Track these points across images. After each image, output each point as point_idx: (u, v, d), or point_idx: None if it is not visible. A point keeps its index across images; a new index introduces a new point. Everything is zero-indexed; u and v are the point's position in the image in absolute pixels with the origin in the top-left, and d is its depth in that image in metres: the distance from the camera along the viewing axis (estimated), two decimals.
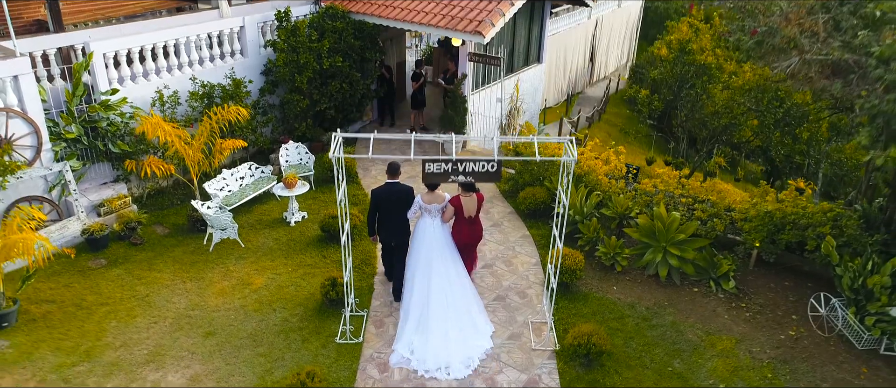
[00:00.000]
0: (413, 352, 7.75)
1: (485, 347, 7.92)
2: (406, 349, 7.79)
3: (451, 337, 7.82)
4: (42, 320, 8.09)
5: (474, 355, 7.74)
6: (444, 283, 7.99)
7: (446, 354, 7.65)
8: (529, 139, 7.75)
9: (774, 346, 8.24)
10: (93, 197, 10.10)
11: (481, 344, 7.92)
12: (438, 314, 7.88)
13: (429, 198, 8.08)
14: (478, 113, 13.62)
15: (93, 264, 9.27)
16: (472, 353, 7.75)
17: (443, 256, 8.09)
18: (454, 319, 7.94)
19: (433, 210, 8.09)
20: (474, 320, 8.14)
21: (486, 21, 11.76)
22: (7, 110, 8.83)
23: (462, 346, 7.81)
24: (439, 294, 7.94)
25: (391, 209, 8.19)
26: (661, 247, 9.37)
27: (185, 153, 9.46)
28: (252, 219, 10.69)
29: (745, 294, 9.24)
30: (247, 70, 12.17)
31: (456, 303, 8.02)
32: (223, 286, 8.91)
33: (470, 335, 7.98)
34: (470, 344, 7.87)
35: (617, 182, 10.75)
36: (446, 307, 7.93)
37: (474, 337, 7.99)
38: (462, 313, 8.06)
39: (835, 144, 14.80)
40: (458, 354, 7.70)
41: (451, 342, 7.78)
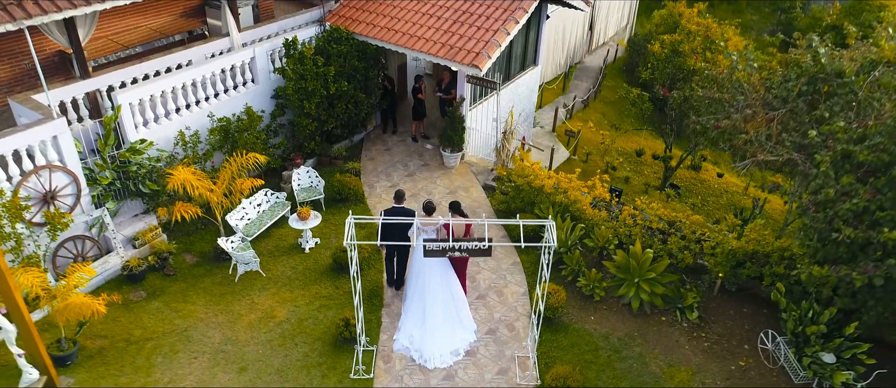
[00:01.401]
0: (412, 342, 9.69)
1: (469, 339, 9.86)
2: (406, 339, 9.74)
3: (442, 332, 9.66)
4: (98, 356, 9.44)
5: (460, 347, 9.69)
6: (436, 288, 9.67)
7: (438, 345, 9.56)
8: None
9: (725, 377, 9.63)
10: (127, 231, 11.24)
11: (466, 337, 9.85)
12: (432, 313, 9.66)
13: (426, 221, 9.56)
14: (475, 129, 14.52)
15: (134, 297, 10.55)
16: (458, 345, 9.70)
17: (436, 267, 9.64)
18: (444, 317, 9.72)
19: (429, 231, 9.53)
20: (461, 319, 9.95)
21: (482, 54, 12.49)
22: (50, 166, 9.84)
23: (450, 339, 9.71)
24: (433, 297, 9.65)
25: (395, 228, 9.74)
26: (635, 282, 10.61)
27: (210, 199, 10.53)
28: (270, 245, 11.88)
29: (707, 323, 10.57)
30: (258, 96, 13.01)
31: (446, 305, 9.75)
32: (250, 320, 10.22)
33: (457, 331, 9.84)
34: (457, 338, 9.77)
35: (600, 212, 11.84)
36: (438, 308, 9.68)
37: (461, 332, 9.87)
38: (451, 313, 9.82)
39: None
40: (447, 346, 9.63)
41: (441, 336, 9.65)
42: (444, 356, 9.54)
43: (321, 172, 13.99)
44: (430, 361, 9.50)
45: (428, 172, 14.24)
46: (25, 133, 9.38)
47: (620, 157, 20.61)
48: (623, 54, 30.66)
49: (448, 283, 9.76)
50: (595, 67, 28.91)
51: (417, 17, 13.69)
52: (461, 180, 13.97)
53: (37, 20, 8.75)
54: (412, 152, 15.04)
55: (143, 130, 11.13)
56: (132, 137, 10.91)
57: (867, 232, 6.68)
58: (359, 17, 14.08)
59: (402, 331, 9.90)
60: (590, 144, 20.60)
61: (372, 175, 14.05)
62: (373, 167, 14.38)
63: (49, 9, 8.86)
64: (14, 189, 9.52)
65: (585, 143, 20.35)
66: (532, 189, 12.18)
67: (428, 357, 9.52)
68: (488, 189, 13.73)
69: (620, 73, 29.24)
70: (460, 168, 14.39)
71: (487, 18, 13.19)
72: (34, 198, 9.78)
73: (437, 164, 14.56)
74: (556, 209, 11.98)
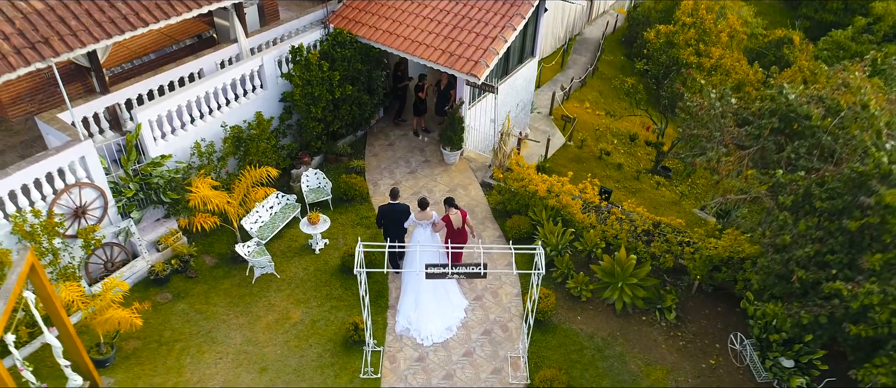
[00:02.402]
0: (411, 323, 11.14)
1: (460, 317, 11.39)
2: (405, 320, 11.18)
3: (435, 312, 11.13)
4: (133, 357, 10.51)
5: (452, 324, 11.20)
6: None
7: (433, 323, 11.04)
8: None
9: (697, 375, 10.73)
10: (150, 236, 12.12)
11: (457, 315, 11.36)
12: (424, 298, 11.12)
13: (420, 215, 10.95)
14: (473, 127, 15.19)
15: (161, 299, 11.55)
16: (451, 322, 11.20)
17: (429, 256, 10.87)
18: (435, 300, 11.18)
19: (423, 223, 10.94)
20: (451, 299, 11.42)
21: (480, 63, 13.07)
22: (79, 184, 10.65)
23: (443, 318, 11.21)
24: (424, 284, 10.97)
25: (392, 221, 11.23)
26: (619, 286, 11.58)
27: (227, 209, 11.37)
28: (283, 246, 12.79)
29: (683, 322, 11.60)
30: (267, 101, 13.65)
31: (436, 289, 11.19)
32: (268, 321, 11.24)
33: (448, 310, 11.32)
34: (449, 316, 11.27)
35: (590, 215, 12.69)
36: (429, 294, 11.12)
37: (451, 311, 11.36)
38: (442, 295, 11.32)
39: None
40: (441, 323, 11.11)
41: (435, 315, 11.11)
42: (439, 332, 11.05)
43: (327, 168, 14.80)
44: (427, 338, 10.96)
45: (429, 168, 15.01)
46: (57, 156, 10.14)
47: (614, 139, 21.29)
48: (622, 24, 30.81)
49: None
50: (594, 38, 29.16)
51: (418, 20, 14.16)
52: (460, 178, 14.76)
53: (63, 57, 9.38)
54: (414, 148, 15.76)
55: (161, 143, 11.85)
56: (152, 151, 11.66)
57: (817, 273, 7.55)
58: (361, 19, 14.54)
59: (401, 314, 11.28)
60: (586, 126, 21.25)
61: (376, 172, 14.83)
62: (376, 164, 15.15)
63: (74, 46, 9.47)
64: (49, 208, 10.35)
65: (581, 125, 20.99)
66: (527, 193, 12.99)
67: (425, 335, 11.00)
68: (486, 187, 14.54)
69: (619, 44, 29.52)
70: (459, 165, 15.15)
71: (486, 24, 13.68)
72: (66, 213, 10.63)
73: (438, 160, 15.32)
74: (548, 213, 12.83)
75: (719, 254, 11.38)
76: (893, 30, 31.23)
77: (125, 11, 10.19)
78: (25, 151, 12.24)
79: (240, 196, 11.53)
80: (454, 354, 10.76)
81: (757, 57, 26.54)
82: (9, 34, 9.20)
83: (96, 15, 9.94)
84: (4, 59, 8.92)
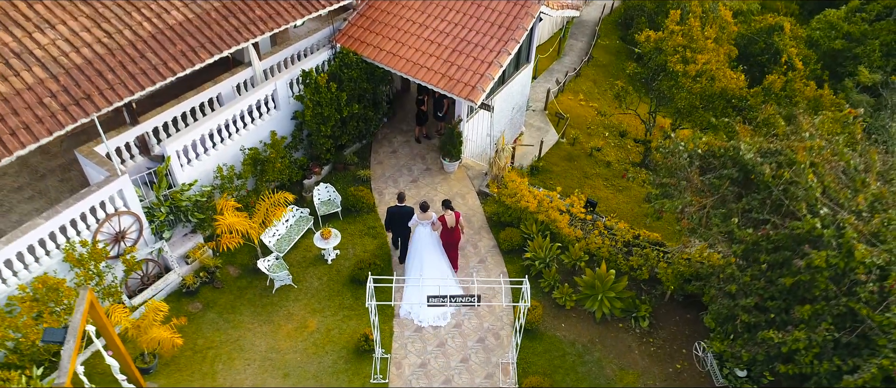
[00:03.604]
0: (412, 309, 12.91)
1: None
2: (408, 307, 12.97)
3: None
4: (173, 363, 12.05)
5: (448, 310, 13.00)
6: (430, 266, 12.94)
7: (432, 310, 12.76)
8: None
9: (664, 378, 12.30)
10: (180, 250, 13.49)
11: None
12: (428, 286, 12.58)
13: (421, 216, 12.79)
14: (471, 140, 16.34)
15: (192, 308, 13.02)
16: (448, 309, 12.92)
17: (430, 250, 12.99)
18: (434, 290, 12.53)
19: (424, 223, 12.76)
20: (448, 288, 12.86)
21: (477, 87, 14.12)
22: (118, 213, 11.96)
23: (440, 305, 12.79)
24: (427, 271, 12.83)
25: (398, 221, 13.21)
26: (599, 298, 13.02)
27: (249, 229, 12.70)
28: (298, 256, 14.18)
29: (655, 329, 13.10)
30: (280, 120, 14.78)
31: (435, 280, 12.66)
32: (288, 329, 12.74)
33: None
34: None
35: (575, 229, 14.01)
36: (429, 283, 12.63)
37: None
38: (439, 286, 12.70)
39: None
40: (440, 310, 12.85)
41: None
42: (436, 317, 12.86)
43: (336, 177, 16.05)
44: (425, 321, 12.83)
45: (429, 177, 16.25)
46: (99, 192, 11.40)
47: (606, 132, 22.38)
48: (619, 5, 31.31)
49: (439, 263, 12.98)
50: (592, 20, 29.77)
51: (419, 41, 15.11)
52: (459, 186, 16.02)
53: (104, 111, 10.52)
54: (415, 155, 16.95)
55: (188, 169, 13.08)
56: (180, 177, 12.90)
57: (758, 317, 8.93)
58: (366, 39, 15.48)
59: (405, 299, 13.09)
60: (579, 120, 22.31)
61: (381, 182, 16.07)
62: (381, 172, 16.38)
63: (113, 100, 10.59)
64: (93, 235, 11.69)
65: (574, 120, 22.04)
66: (519, 208, 14.29)
67: (424, 319, 12.85)
68: (482, 196, 15.82)
69: (616, 27, 30.14)
70: (458, 174, 16.38)
71: (483, 48, 14.65)
72: (108, 238, 11.98)
73: (438, 168, 16.54)
74: (538, 227, 14.16)
75: (690, 269, 12.78)
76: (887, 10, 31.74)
77: (155, 62, 11.25)
78: (64, 174, 13.51)
79: (260, 218, 12.84)
80: (452, 360, 12.30)
81: (748, 43, 27.32)
82: (56, 92, 10.32)
83: (130, 67, 11.01)
84: (54, 116, 10.07)
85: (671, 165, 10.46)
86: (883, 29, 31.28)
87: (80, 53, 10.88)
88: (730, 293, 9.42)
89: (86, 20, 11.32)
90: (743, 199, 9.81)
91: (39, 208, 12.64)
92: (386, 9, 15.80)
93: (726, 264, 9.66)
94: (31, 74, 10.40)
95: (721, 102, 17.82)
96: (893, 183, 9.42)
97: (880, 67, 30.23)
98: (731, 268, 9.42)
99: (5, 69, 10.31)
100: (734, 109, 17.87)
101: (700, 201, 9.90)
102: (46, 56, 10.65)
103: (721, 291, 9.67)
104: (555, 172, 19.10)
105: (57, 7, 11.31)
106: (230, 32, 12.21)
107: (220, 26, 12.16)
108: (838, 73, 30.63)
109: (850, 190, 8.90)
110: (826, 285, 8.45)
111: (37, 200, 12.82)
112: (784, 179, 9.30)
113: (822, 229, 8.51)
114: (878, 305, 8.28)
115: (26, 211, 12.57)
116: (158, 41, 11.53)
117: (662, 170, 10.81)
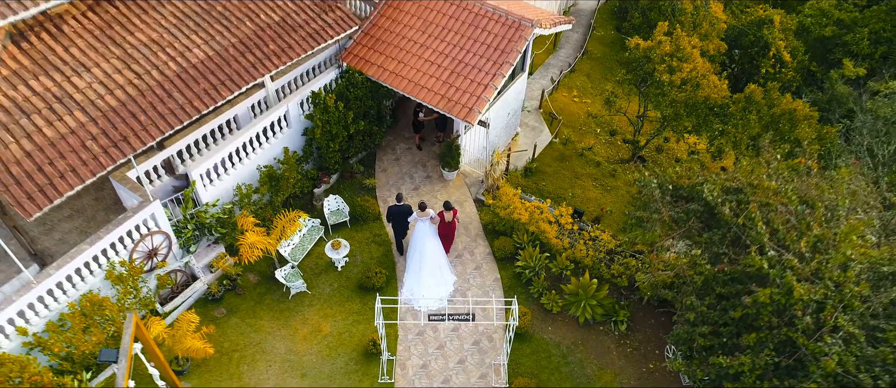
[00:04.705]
0: (412, 293, 14.69)
1: (450, 289, 14.96)
2: (408, 292, 14.79)
3: (431, 285, 14.75)
4: (203, 365, 13.62)
5: (444, 294, 14.79)
6: (428, 256, 14.80)
7: (430, 294, 14.57)
8: None
9: (638, 377, 13.90)
10: (204, 259, 14.91)
11: (448, 287, 14.93)
12: (425, 273, 14.69)
13: (420, 214, 14.46)
14: (468, 150, 17.58)
15: (217, 314, 14.52)
16: (443, 293, 14.82)
17: (428, 242, 14.81)
18: (432, 276, 14.82)
19: (423, 220, 14.53)
20: (444, 275, 14.97)
21: (473, 109, 15.28)
22: (151, 233, 13.33)
23: (437, 290, 14.83)
24: (426, 262, 14.69)
25: (398, 218, 14.94)
26: (582, 304, 14.51)
27: (268, 246, 14.10)
28: (311, 263, 15.62)
29: (632, 331, 14.64)
30: (292, 137, 16.00)
31: (432, 269, 14.81)
32: (304, 333, 14.28)
33: (441, 283, 14.94)
34: (442, 288, 14.89)
35: (563, 240, 15.40)
36: (427, 271, 14.73)
37: (444, 284, 14.99)
38: (436, 274, 14.91)
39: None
40: (435, 294, 14.70)
41: (431, 287, 14.73)
42: (434, 302, 14.57)
43: (343, 185, 17.37)
44: (424, 305, 14.41)
45: (430, 185, 17.56)
46: (134, 217, 12.73)
47: (597, 128, 23.50)
48: None
49: (435, 253, 14.85)
50: (588, 10, 30.48)
51: (421, 62, 16.16)
52: (457, 194, 17.34)
53: (140, 150, 11.76)
54: (417, 163, 18.21)
55: (210, 189, 14.38)
56: (204, 197, 14.21)
57: (712, 340, 10.41)
58: (370, 58, 16.52)
59: (405, 286, 15.01)
60: (572, 118, 23.40)
61: (385, 189, 17.39)
62: (385, 180, 17.68)
63: (147, 140, 11.82)
64: (130, 254, 13.09)
65: (568, 118, 23.13)
66: (511, 220, 15.65)
67: (423, 303, 14.45)
68: (479, 203, 17.16)
69: (612, 16, 30.84)
70: (456, 181, 17.68)
71: (479, 71, 15.73)
72: (142, 256, 13.38)
73: (438, 175, 17.83)
74: (529, 237, 15.55)
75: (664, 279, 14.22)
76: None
77: (181, 101, 12.43)
78: (98, 193, 14.81)
79: (277, 234, 14.22)
80: (451, 361, 13.88)
81: (739, 35, 28.15)
82: (96, 134, 11.55)
83: (159, 107, 12.20)
84: (96, 159, 11.34)
85: (645, 198, 11.76)
86: (873, 16, 31.92)
87: (114, 96, 12.06)
88: (689, 320, 10.89)
89: (117, 62, 12.45)
90: (704, 234, 11.15)
91: (78, 225, 14.00)
92: (389, 28, 16.80)
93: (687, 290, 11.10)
94: (72, 117, 11.61)
95: (704, 110, 18.95)
96: (838, 219, 10.73)
97: (868, 54, 31.07)
98: (689, 299, 10.86)
99: (50, 114, 11.53)
100: (716, 116, 19.05)
101: (668, 235, 11.25)
102: (85, 100, 11.84)
103: (681, 318, 11.13)
104: (547, 173, 20.33)
105: (90, 49, 12.42)
106: (247, 68, 13.32)
107: (238, 63, 13.27)
108: (828, 59, 31.54)
109: (797, 232, 10.24)
110: (769, 318, 9.89)
111: (75, 218, 14.16)
112: (741, 219, 10.62)
113: (769, 269, 9.89)
114: (813, 334, 9.74)
115: (67, 229, 13.94)
116: (183, 80, 12.67)
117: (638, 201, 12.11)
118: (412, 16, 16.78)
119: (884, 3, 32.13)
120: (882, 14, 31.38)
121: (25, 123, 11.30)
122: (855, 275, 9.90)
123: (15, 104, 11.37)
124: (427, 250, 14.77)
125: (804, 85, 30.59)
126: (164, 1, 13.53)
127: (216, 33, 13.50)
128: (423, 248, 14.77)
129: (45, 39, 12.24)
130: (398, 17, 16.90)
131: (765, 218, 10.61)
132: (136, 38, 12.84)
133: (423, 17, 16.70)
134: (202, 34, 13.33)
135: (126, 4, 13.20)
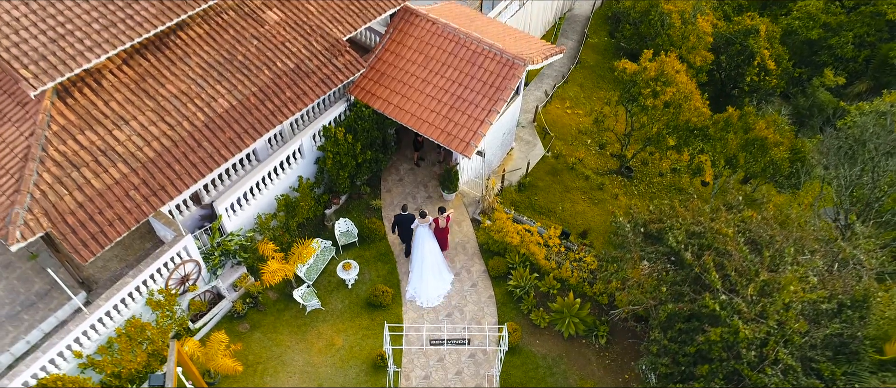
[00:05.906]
0: (416, 292, 16.77)
1: (448, 287, 17.02)
2: (412, 290, 16.86)
3: (432, 283, 16.83)
4: (231, 377, 15.47)
5: (442, 292, 16.91)
6: (429, 257, 16.79)
7: (431, 291, 16.75)
8: None
9: (615, 386, 15.76)
10: (229, 279, 16.65)
11: (446, 286, 17.01)
12: (427, 273, 16.70)
13: (421, 221, 16.45)
14: (465, 174, 19.15)
15: (242, 329, 16.33)
16: (441, 291, 16.95)
17: (428, 244, 16.72)
18: (433, 275, 16.86)
19: (424, 225, 16.49)
20: (443, 274, 16.99)
21: (470, 144, 16.81)
22: (184, 261, 15.04)
23: (437, 287, 16.91)
24: (427, 263, 16.70)
25: (403, 225, 17.11)
26: (566, 320, 16.30)
27: (287, 271, 15.83)
28: (324, 281, 17.36)
29: (611, 344, 16.46)
30: (306, 166, 17.58)
31: (432, 267, 16.79)
32: (319, 346, 16.10)
33: (440, 282, 16.97)
34: (441, 286, 16.96)
35: (551, 261, 17.11)
36: (428, 270, 16.74)
37: (443, 283, 17.06)
38: (436, 272, 16.93)
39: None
40: (435, 291, 16.78)
41: (432, 285, 16.83)
42: (435, 298, 16.81)
43: (352, 205, 19.00)
44: (426, 302, 16.62)
45: (431, 204, 19.19)
46: (170, 250, 14.41)
47: (588, 139, 25.01)
48: None
49: (434, 254, 16.84)
50: (583, 14, 31.60)
51: (422, 97, 17.61)
52: (455, 213, 18.99)
53: (178, 200, 13.36)
54: (418, 183, 19.82)
55: (234, 218, 16.03)
56: (228, 226, 15.88)
57: (673, 368, 12.21)
58: (375, 91, 17.96)
59: (410, 285, 17.03)
60: (564, 130, 24.88)
61: (390, 209, 19.02)
62: (390, 200, 19.31)
63: (182, 189, 13.43)
64: (166, 282, 14.82)
65: (560, 130, 24.61)
66: (504, 242, 17.33)
67: (424, 300, 16.72)
68: (475, 223, 18.82)
69: (605, 21, 31.97)
70: (455, 201, 19.31)
71: (476, 106, 17.20)
72: (176, 282, 15.12)
73: (438, 195, 19.45)
74: (520, 258, 17.27)
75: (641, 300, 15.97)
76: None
77: (210, 150, 13.99)
78: None
79: (294, 260, 15.94)
80: (449, 373, 15.72)
81: (726, 44, 29.39)
82: (137, 185, 13.15)
83: (191, 157, 13.77)
84: (139, 207, 12.97)
85: (619, 239, 13.43)
86: (858, 20, 33.02)
87: (151, 147, 13.61)
88: (652, 352, 12.68)
89: (151, 114, 13.96)
90: (669, 274, 12.86)
91: (117, 253, 15.68)
92: (393, 63, 18.20)
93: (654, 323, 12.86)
94: (116, 169, 13.19)
95: (685, 132, 20.46)
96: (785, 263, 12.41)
97: (852, 57, 32.31)
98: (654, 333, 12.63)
99: (97, 166, 13.11)
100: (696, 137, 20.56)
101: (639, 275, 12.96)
102: (126, 152, 13.40)
103: (646, 349, 12.92)
104: (540, 187, 21.93)
105: (127, 103, 13.92)
106: (267, 116, 14.84)
107: (258, 111, 14.78)
108: (813, 61, 32.79)
109: (746, 279, 11.95)
110: (719, 352, 11.66)
111: (114, 247, 15.83)
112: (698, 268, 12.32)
113: (720, 311, 11.62)
114: (756, 366, 11.52)
115: (108, 257, 15.63)
116: (210, 130, 14.20)
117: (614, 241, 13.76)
118: (415, 51, 18.17)
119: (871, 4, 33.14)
120: (867, 18, 32.48)
121: (76, 175, 12.89)
122: (796, 313, 11.64)
123: (66, 158, 12.94)
124: (427, 252, 16.69)
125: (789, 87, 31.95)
126: (190, 52, 14.95)
127: (238, 82, 14.97)
128: (423, 251, 16.68)
129: (87, 94, 13.73)
130: (402, 52, 18.29)
131: (720, 263, 12.29)
132: (167, 90, 14.32)
133: (425, 53, 18.09)
134: (225, 84, 14.80)
135: (156, 57, 14.64)
